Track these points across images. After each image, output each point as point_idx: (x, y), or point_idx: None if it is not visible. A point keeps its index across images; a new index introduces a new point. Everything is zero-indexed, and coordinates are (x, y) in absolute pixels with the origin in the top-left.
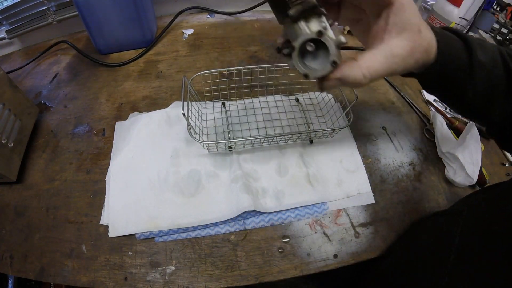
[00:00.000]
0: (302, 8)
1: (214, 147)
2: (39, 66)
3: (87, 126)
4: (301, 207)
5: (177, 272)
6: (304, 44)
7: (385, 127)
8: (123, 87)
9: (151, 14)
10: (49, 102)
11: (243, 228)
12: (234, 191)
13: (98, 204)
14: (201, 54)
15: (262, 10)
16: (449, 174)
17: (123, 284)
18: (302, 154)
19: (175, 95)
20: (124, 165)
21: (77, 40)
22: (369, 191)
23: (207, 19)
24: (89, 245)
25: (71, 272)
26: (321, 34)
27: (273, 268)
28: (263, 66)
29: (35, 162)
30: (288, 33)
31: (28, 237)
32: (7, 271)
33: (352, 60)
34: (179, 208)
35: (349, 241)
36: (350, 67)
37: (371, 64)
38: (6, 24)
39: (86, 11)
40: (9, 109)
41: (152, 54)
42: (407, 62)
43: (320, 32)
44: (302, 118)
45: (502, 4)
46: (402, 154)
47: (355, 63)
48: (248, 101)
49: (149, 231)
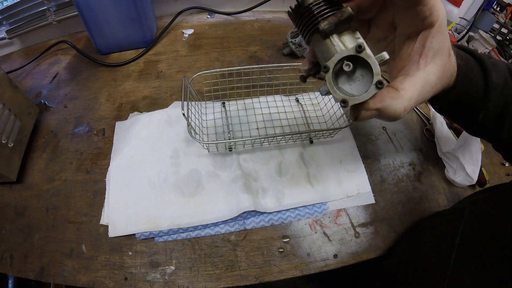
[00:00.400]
0: (337, 20)
1: (214, 147)
2: (39, 66)
3: (87, 126)
4: (301, 207)
5: (177, 272)
6: (339, 64)
7: (385, 127)
8: (123, 87)
9: (151, 14)
10: (49, 102)
11: (243, 228)
12: (234, 191)
13: (98, 204)
14: (201, 54)
15: (262, 10)
16: (449, 174)
17: (123, 284)
18: (302, 154)
19: (175, 95)
20: (124, 165)
21: (77, 40)
22: (369, 191)
23: (207, 19)
24: (89, 245)
25: (71, 272)
26: (360, 49)
27: (273, 268)
28: (263, 66)
29: (35, 162)
30: (318, 52)
31: (28, 237)
32: (7, 271)
33: (392, 88)
34: (179, 208)
35: (349, 241)
36: (393, 98)
37: (411, 95)
38: (6, 24)
39: (86, 11)
40: (9, 109)
41: (152, 54)
42: (436, 88)
43: (360, 46)
44: (302, 118)
45: (502, 4)
46: (402, 154)
47: (398, 93)
48: (248, 101)
49: (149, 231)
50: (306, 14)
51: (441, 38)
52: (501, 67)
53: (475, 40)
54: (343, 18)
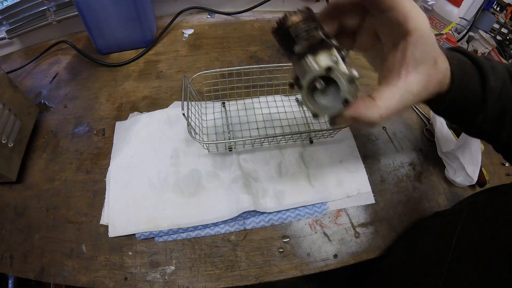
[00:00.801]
0: (309, 44)
1: (214, 147)
2: (39, 66)
3: (87, 126)
4: (301, 207)
5: (177, 272)
6: (313, 82)
7: (385, 127)
8: (123, 87)
9: (151, 14)
10: (49, 102)
11: (243, 228)
12: (234, 191)
13: (98, 204)
14: (201, 54)
15: (262, 10)
16: (449, 174)
17: (123, 284)
18: (302, 154)
19: (175, 95)
20: (124, 165)
21: (77, 40)
22: (369, 191)
23: (207, 19)
24: (89, 245)
25: (71, 272)
26: (330, 70)
27: (273, 268)
28: (263, 66)
29: (35, 162)
30: (296, 69)
31: (28, 237)
32: (7, 271)
33: (369, 98)
34: (179, 208)
35: (349, 241)
36: (367, 107)
37: (389, 104)
38: (6, 24)
39: (86, 11)
40: (9, 109)
41: (152, 54)
42: (421, 96)
43: (330, 68)
44: (302, 118)
45: (502, 4)
46: (402, 154)
47: (373, 102)
48: (248, 101)
49: (149, 231)
50: (285, 36)
51: (424, 47)
52: (500, 69)
53: (475, 40)
54: (315, 42)
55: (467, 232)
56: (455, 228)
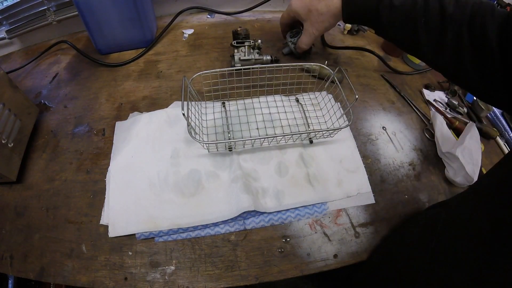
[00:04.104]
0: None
1: (214, 147)
2: (39, 66)
3: (87, 126)
4: (301, 207)
5: (177, 272)
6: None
7: (385, 127)
8: (123, 87)
9: (151, 14)
10: (49, 102)
11: (243, 228)
12: (234, 191)
13: (98, 204)
14: (201, 54)
15: (262, 10)
16: (449, 174)
17: (123, 284)
18: (302, 154)
19: (175, 95)
20: (124, 165)
21: (77, 40)
22: (369, 191)
23: (207, 19)
24: (89, 245)
25: (71, 272)
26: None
27: (273, 268)
28: (263, 66)
29: (35, 162)
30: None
31: (28, 237)
32: (7, 271)
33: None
34: (179, 208)
35: (349, 241)
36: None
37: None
38: (6, 24)
39: (86, 11)
40: (9, 109)
41: (152, 54)
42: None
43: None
44: (302, 118)
45: (502, 4)
46: (402, 154)
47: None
48: (248, 101)
49: (149, 231)
50: None
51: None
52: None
53: None
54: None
55: (451, 223)
56: (440, 219)
